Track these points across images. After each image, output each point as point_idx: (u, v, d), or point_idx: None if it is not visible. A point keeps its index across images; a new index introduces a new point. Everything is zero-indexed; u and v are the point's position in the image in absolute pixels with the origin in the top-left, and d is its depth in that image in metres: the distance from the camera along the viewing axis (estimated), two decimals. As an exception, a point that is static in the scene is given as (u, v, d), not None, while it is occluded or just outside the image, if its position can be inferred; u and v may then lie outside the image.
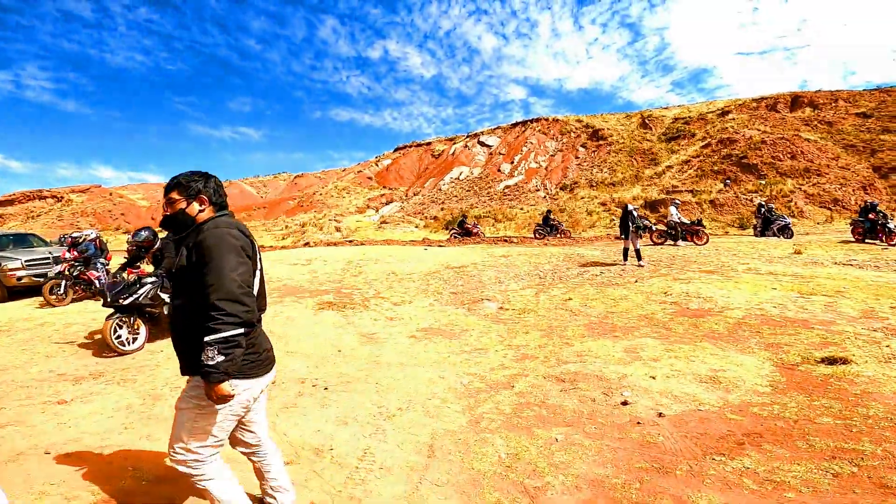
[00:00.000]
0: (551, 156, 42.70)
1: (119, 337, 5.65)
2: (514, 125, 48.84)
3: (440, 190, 41.32)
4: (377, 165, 50.67)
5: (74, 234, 9.22)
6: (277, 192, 63.34)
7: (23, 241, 11.38)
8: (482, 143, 47.41)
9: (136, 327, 5.83)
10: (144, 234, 6.18)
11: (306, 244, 20.35)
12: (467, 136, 49.75)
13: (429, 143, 51.21)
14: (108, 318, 5.65)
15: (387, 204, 38.20)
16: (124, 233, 41.14)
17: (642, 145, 39.22)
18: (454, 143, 48.88)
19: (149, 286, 5.90)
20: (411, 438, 3.50)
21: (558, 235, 20.57)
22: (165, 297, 6.03)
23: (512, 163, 42.97)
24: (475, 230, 22.05)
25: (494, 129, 49.25)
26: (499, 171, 42.61)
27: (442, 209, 34.58)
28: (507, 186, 39.47)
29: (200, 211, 2.08)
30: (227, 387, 1.90)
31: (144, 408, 3.97)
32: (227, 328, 1.83)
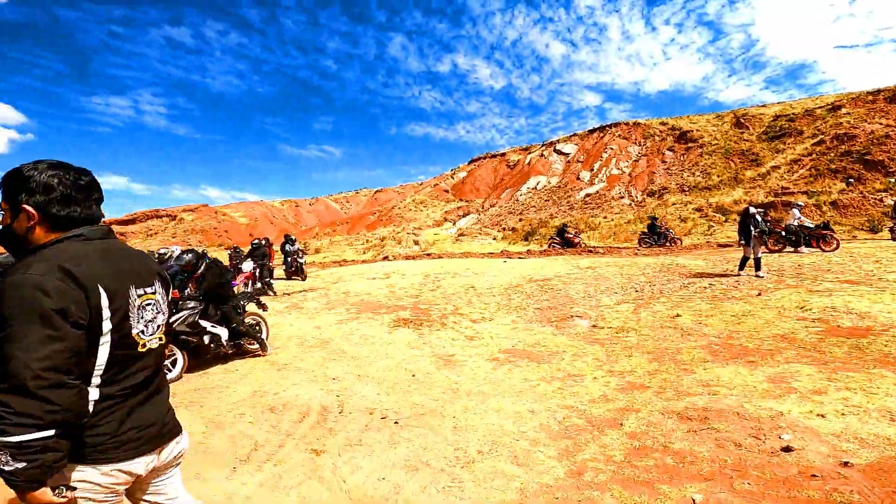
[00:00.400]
0: (635, 161, 40.16)
1: None
2: (592, 131, 46.79)
3: (517, 200, 40.34)
4: (453, 178, 50.81)
5: (161, 251, 9.65)
6: (359, 207, 65.91)
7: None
8: (558, 152, 45.83)
9: (171, 357, 5.29)
10: (187, 257, 5.79)
11: (385, 258, 20.44)
12: (542, 145, 48.46)
13: (503, 154, 50.58)
14: None
15: (463, 216, 37.93)
16: (226, 249, 44.72)
17: (739, 145, 35.67)
18: (529, 153, 47.80)
19: (185, 312, 5.39)
20: (496, 496, 2.79)
21: (666, 244, 18.37)
22: (207, 325, 5.55)
23: (591, 170, 40.99)
24: (577, 240, 19.90)
25: (570, 136, 47.53)
26: (577, 179, 40.81)
27: (520, 220, 33.59)
28: (588, 195, 37.58)
29: (30, 229, 1.37)
30: (47, 494, 1.27)
31: (203, 437, 3.63)
32: (18, 432, 1.20)
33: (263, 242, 10.96)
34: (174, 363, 5.25)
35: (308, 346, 6.53)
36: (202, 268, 5.73)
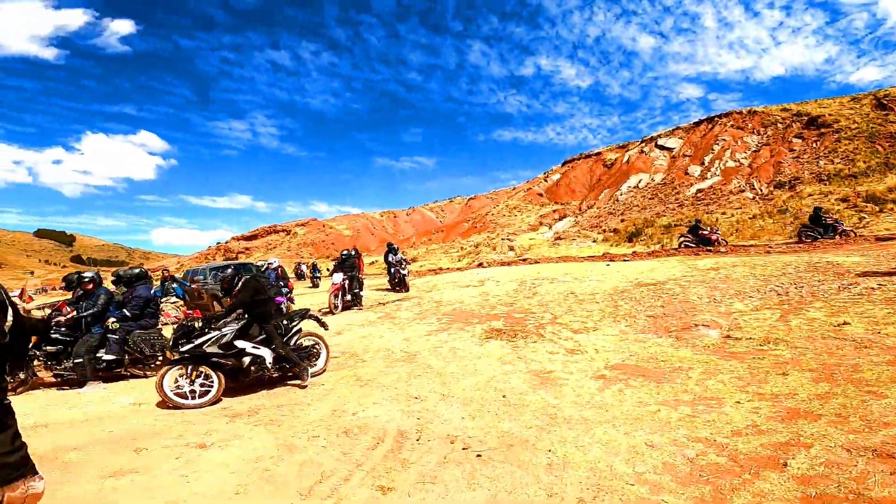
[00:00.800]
0: (754, 152, 35.54)
1: (180, 388, 4.75)
2: (697, 123, 42.56)
3: (617, 201, 37.72)
4: (546, 181, 49.19)
5: (259, 263, 10.06)
6: (454, 215, 66.66)
7: (245, 270, 13.06)
8: (661, 147, 42.19)
9: (204, 379, 4.87)
10: (226, 272, 5.40)
11: (480, 264, 19.96)
12: (641, 142, 45.06)
13: (598, 154, 47.96)
14: (167, 366, 4.90)
15: (560, 219, 36.31)
16: (332, 260, 47.57)
17: (886, 128, 29.93)
18: (627, 151, 44.69)
19: (217, 333, 4.91)
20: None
21: (835, 237, 14.99)
22: (247, 346, 5.04)
23: (702, 164, 37.04)
24: (714, 237, 16.93)
25: (672, 130, 43.59)
26: (686, 174, 37.08)
27: (622, 220, 31.21)
28: (700, 190, 33.92)
29: None
30: None
31: (272, 463, 3.32)
32: None
33: (353, 253, 11.03)
34: (209, 386, 4.86)
35: (394, 360, 6.17)
36: (238, 284, 5.26)
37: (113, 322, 6.03)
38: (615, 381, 4.65)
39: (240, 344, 5.00)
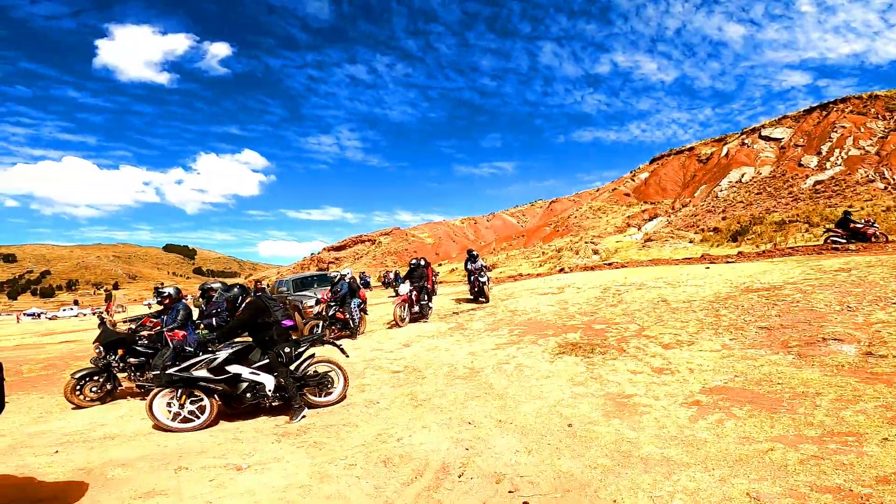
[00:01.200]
0: (881, 138, 30.49)
1: (170, 411, 4.55)
2: (809, 111, 37.57)
3: (717, 197, 34.19)
4: (633, 180, 46.09)
5: (332, 274, 10.05)
6: (535, 219, 65.02)
7: (324, 280, 13.26)
8: (766, 138, 37.72)
9: (194, 403, 4.61)
10: (232, 291, 5.10)
11: (561, 270, 18.92)
12: (741, 133, 40.70)
13: (691, 148, 44.20)
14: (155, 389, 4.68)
15: (650, 220, 33.67)
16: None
17: None
18: (725, 144, 40.61)
19: (208, 356, 4.62)
20: None
21: None
22: (243, 371, 4.66)
23: (818, 154, 32.46)
24: (871, 230, 13.86)
25: (779, 119, 38.85)
26: (799, 165, 32.70)
27: (723, 218, 28.13)
28: (819, 182, 29.70)
29: None
30: None
31: (301, 494, 3.00)
32: None
33: (422, 263, 10.78)
34: (202, 410, 4.60)
35: (455, 378, 5.70)
36: (242, 305, 4.92)
37: (203, 331, 6.28)
38: (713, 408, 3.80)
39: (234, 369, 4.66)
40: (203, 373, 4.55)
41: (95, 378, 6.09)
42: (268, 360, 4.77)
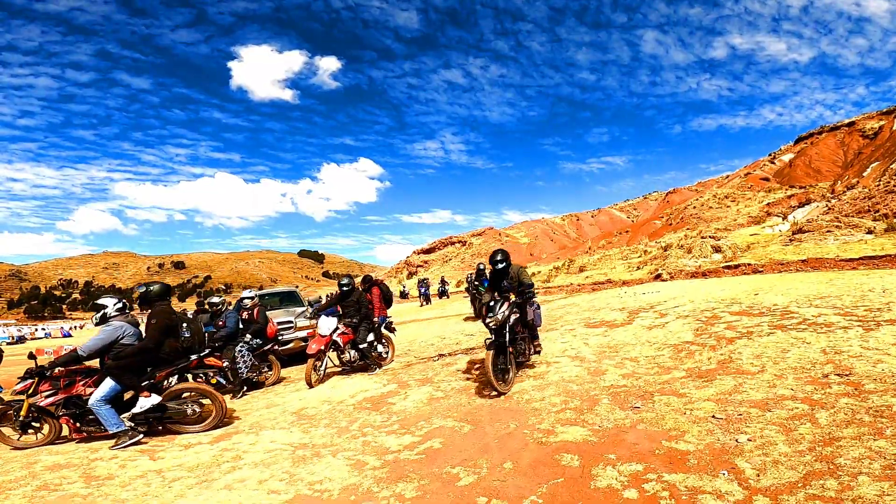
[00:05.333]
0: None
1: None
2: None
3: (905, 171, 24.95)
4: (773, 163, 36.86)
5: (213, 300, 6.80)
6: (648, 213, 56.49)
7: (291, 299, 10.05)
8: None
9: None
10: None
11: (657, 276, 13.59)
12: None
13: (851, 124, 34.48)
14: None
15: (800, 206, 25.63)
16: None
17: None
18: None
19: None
20: None
21: None
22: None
23: None
24: None
25: None
26: None
27: (920, 199, 19.70)
28: None
29: None
30: None
31: None
32: None
33: (373, 280, 7.05)
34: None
35: None
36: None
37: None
38: None
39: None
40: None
41: None
42: None
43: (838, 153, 34.88)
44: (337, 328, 6.06)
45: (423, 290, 22.75)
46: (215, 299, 6.81)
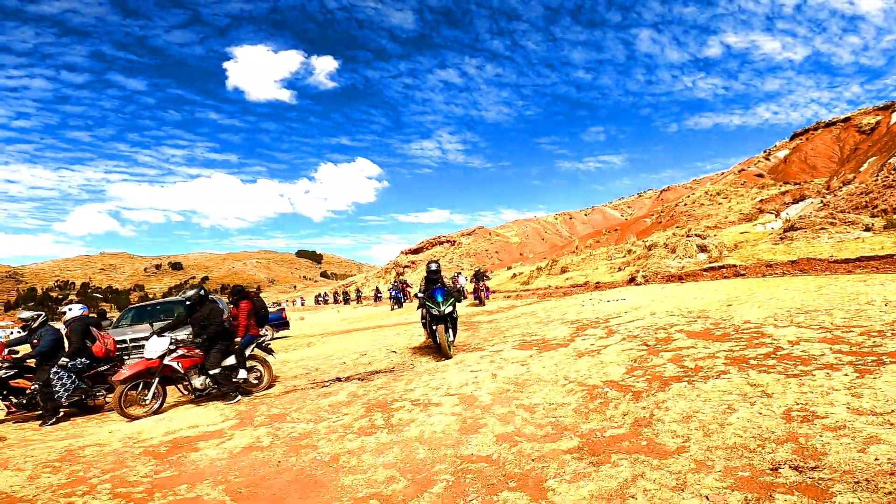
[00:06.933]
0: None
1: None
2: None
3: (904, 166, 23.69)
4: (768, 159, 35.60)
5: (23, 316, 5.50)
6: (642, 211, 55.12)
7: (169, 311, 8.57)
8: None
9: None
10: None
11: (631, 280, 12.26)
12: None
13: (846, 119, 33.38)
14: None
15: (795, 202, 24.34)
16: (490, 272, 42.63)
17: None
18: (894, 111, 29.35)
19: None
20: None
21: None
22: None
23: None
24: None
25: None
26: None
27: (921, 194, 18.40)
28: None
29: None
30: None
31: None
32: None
33: (244, 292, 5.76)
34: None
35: None
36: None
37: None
38: None
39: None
40: None
41: None
42: None
43: (834, 149, 33.68)
44: (172, 350, 4.74)
45: (393, 293, 21.16)
46: (25, 314, 5.46)
